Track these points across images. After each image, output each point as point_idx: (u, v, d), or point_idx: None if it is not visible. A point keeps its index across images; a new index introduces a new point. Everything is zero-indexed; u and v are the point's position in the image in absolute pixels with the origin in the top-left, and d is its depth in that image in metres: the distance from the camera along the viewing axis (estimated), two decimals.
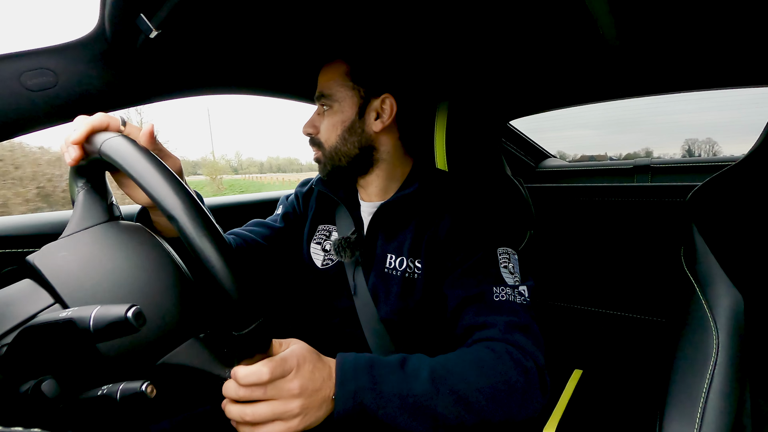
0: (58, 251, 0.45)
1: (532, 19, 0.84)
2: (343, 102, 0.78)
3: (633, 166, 1.68)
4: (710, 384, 0.60)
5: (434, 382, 0.56)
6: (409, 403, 0.54)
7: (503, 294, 0.68)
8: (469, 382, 0.57)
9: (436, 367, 0.58)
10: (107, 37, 0.69)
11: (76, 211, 0.50)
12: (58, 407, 0.36)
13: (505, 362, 0.60)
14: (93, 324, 0.33)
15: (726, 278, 0.67)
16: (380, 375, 0.55)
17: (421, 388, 0.55)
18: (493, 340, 0.63)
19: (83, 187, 0.51)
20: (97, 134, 0.48)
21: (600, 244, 1.60)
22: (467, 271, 0.71)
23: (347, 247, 0.79)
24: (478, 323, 0.66)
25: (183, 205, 0.40)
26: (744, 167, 0.71)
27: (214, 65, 0.90)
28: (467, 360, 0.60)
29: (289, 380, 0.49)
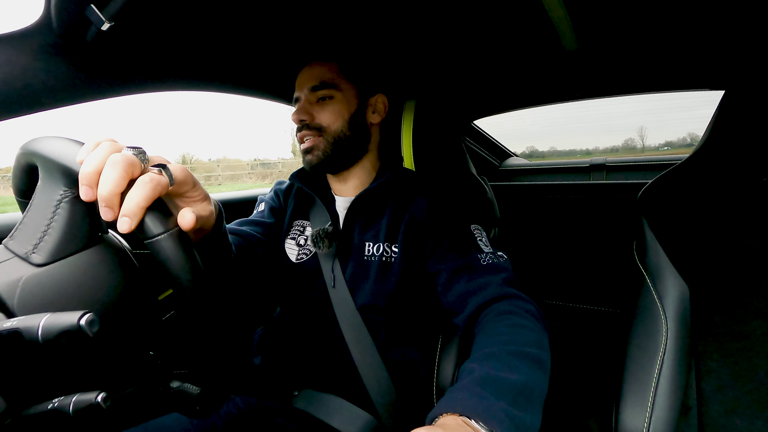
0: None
1: (495, 23, 0.86)
2: (347, 92, 0.83)
3: (589, 165, 1.76)
4: (660, 369, 0.64)
5: (523, 361, 0.54)
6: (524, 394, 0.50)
7: (487, 258, 0.74)
8: (538, 344, 0.59)
9: (508, 349, 0.56)
10: (54, 27, 0.65)
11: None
12: (4, 424, 0.34)
13: (529, 315, 0.64)
14: (42, 334, 0.31)
15: (674, 270, 0.71)
16: (488, 394, 0.48)
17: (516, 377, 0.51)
18: (495, 301, 0.67)
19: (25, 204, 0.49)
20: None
21: (558, 239, 1.66)
22: (451, 246, 0.77)
23: (324, 237, 0.80)
24: (473, 288, 0.71)
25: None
26: (689, 166, 0.76)
27: (173, 60, 0.87)
28: (510, 332, 0.59)
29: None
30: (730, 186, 0.72)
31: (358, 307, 0.79)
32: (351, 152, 0.85)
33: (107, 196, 0.38)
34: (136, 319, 0.46)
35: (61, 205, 0.42)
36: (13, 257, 0.42)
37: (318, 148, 0.82)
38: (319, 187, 0.89)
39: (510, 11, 0.81)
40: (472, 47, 1.00)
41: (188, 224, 0.42)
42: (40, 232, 0.42)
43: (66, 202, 0.42)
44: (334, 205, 0.87)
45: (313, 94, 0.82)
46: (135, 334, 0.46)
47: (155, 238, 0.39)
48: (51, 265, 0.41)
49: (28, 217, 0.43)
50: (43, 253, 0.41)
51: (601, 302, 1.62)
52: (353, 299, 0.79)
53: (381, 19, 0.85)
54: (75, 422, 0.34)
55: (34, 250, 0.42)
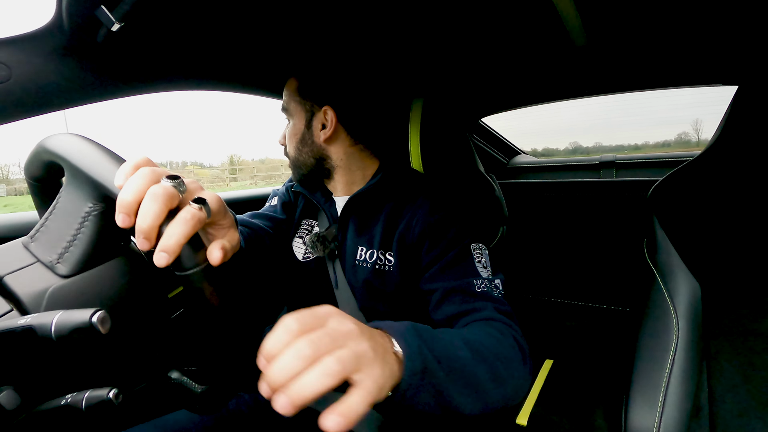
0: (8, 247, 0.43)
1: (503, 19, 0.86)
2: (295, 115, 0.83)
3: (599, 162, 1.74)
4: (671, 369, 0.63)
5: (470, 347, 0.51)
6: (458, 368, 0.48)
7: (483, 286, 0.70)
8: (494, 352, 0.55)
9: (464, 334, 0.55)
10: (65, 29, 0.66)
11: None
12: (18, 419, 0.35)
13: (508, 336, 0.61)
14: (55, 331, 0.31)
15: (685, 268, 0.70)
16: (427, 337, 0.46)
17: (464, 353, 0.49)
18: (490, 320, 0.65)
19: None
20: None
21: (567, 237, 1.65)
22: (446, 265, 0.73)
23: (318, 242, 0.81)
24: (465, 310, 0.67)
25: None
26: (701, 162, 0.75)
27: (183, 60, 0.87)
28: (480, 333, 0.58)
29: (336, 321, 0.37)
30: (743, 183, 0.71)
31: (360, 308, 0.79)
32: (313, 174, 0.84)
33: (146, 229, 0.37)
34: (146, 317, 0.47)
35: (89, 218, 0.42)
36: (36, 262, 0.42)
37: (293, 171, 0.87)
38: (320, 191, 0.89)
39: (518, 6, 0.80)
40: (480, 44, 1.00)
41: (216, 261, 0.42)
42: (66, 241, 0.42)
43: (94, 216, 0.42)
44: (335, 207, 0.87)
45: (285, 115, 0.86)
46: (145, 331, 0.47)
47: (186, 272, 0.40)
48: (76, 277, 0.42)
49: (51, 222, 0.44)
50: (68, 264, 0.42)
51: (611, 301, 1.60)
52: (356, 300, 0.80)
53: (387, 17, 0.84)
54: (87, 417, 0.35)
55: (59, 260, 0.42)
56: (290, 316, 0.36)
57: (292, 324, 0.35)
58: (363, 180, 0.85)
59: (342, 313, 0.40)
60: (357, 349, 0.35)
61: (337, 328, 0.36)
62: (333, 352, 0.34)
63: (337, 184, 0.86)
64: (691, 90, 1.29)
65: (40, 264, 0.42)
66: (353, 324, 0.38)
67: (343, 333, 0.36)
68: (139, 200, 0.38)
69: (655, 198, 0.78)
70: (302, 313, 0.37)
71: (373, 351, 0.36)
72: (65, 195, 0.44)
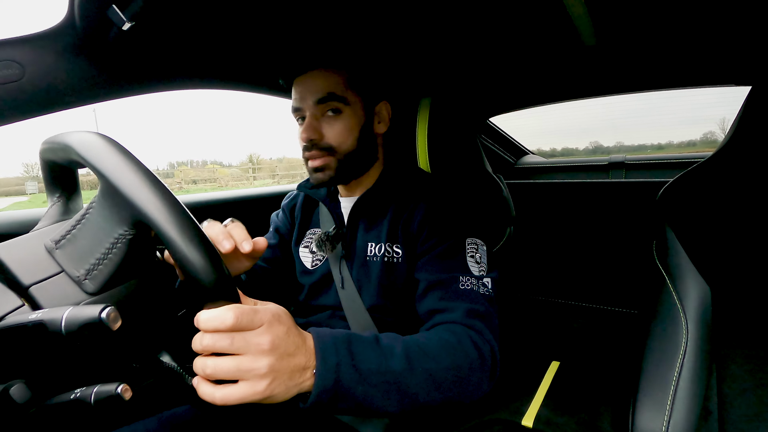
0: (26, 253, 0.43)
1: (511, 17, 0.85)
2: (354, 105, 0.78)
3: (608, 163, 1.72)
4: (680, 372, 0.62)
5: (409, 359, 0.55)
6: (385, 380, 0.52)
7: (468, 283, 0.70)
8: (438, 360, 0.58)
9: (409, 344, 0.58)
10: (77, 28, 0.67)
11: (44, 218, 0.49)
12: (29, 413, 0.35)
13: (467, 344, 0.62)
14: (65, 326, 0.32)
15: (695, 271, 0.69)
16: (358, 350, 0.52)
17: (397, 365, 0.54)
18: (453, 323, 0.66)
19: (59, 198, 0.50)
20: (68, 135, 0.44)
21: (576, 238, 1.63)
22: (435, 257, 0.74)
23: (326, 241, 0.81)
24: (440, 308, 0.69)
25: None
26: (712, 164, 0.74)
27: (194, 58, 0.88)
28: (433, 340, 0.61)
29: (258, 333, 0.42)
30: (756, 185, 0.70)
31: (367, 307, 0.79)
32: (360, 167, 0.82)
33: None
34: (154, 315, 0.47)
35: (121, 242, 0.42)
36: (62, 273, 0.42)
37: (329, 167, 0.78)
38: (326, 191, 0.90)
39: (527, 6, 0.80)
40: (488, 43, 0.99)
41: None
42: (95, 258, 0.42)
43: (125, 241, 0.42)
44: (339, 208, 0.87)
45: (319, 107, 0.77)
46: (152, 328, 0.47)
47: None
48: (102, 294, 0.42)
49: (80, 233, 0.43)
50: (96, 282, 0.42)
51: (619, 303, 1.59)
52: (361, 299, 0.80)
53: (394, 15, 0.84)
54: (96, 412, 0.35)
55: (87, 277, 0.42)
56: (231, 309, 0.40)
57: (229, 318, 0.40)
58: (373, 177, 0.86)
59: (276, 323, 0.44)
60: (255, 364, 0.41)
61: (254, 340, 0.42)
62: (237, 358, 0.41)
63: (362, 180, 0.85)
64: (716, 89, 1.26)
65: (65, 276, 0.42)
66: (271, 340, 0.43)
67: (254, 345, 0.41)
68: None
69: (666, 199, 0.77)
70: (243, 311, 0.41)
71: (268, 368, 0.42)
72: (98, 210, 0.43)
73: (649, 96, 1.43)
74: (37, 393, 0.36)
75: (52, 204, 0.50)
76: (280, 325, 0.45)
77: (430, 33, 0.93)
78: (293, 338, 0.46)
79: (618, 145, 3.01)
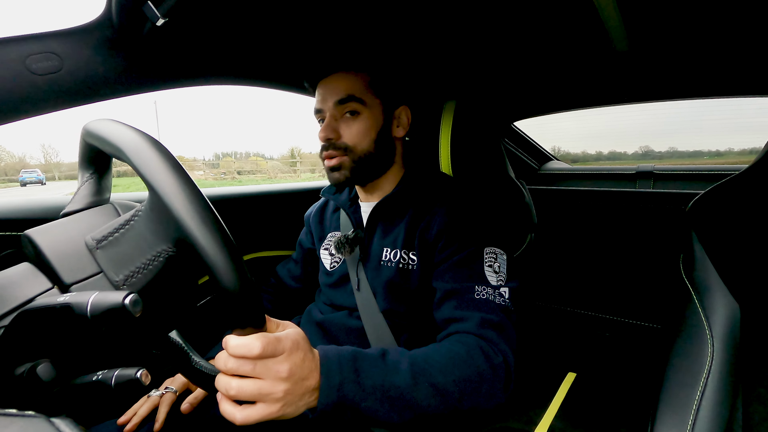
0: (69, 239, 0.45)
1: (540, 20, 0.84)
2: (373, 108, 0.80)
3: (636, 172, 1.67)
4: (703, 391, 0.60)
5: (414, 374, 0.57)
6: (391, 395, 0.55)
7: (484, 293, 0.70)
8: (445, 373, 0.59)
9: (416, 359, 0.60)
10: (114, 23, 0.69)
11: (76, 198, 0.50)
12: (53, 391, 0.37)
13: (477, 356, 0.63)
14: (90, 310, 0.33)
15: (724, 287, 0.67)
16: (363, 368, 0.55)
17: (401, 381, 0.56)
18: (466, 334, 0.66)
19: (91, 176, 0.51)
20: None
21: (599, 248, 1.59)
22: (453, 266, 0.74)
23: (346, 243, 0.83)
24: (455, 317, 0.69)
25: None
26: (747, 177, 0.71)
27: (222, 55, 0.90)
28: (442, 353, 0.62)
29: (279, 361, 0.47)
30: None
31: (382, 310, 0.80)
32: (376, 169, 0.83)
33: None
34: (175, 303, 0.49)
35: (162, 256, 0.43)
36: (101, 274, 0.43)
37: (344, 167, 0.80)
38: (347, 195, 0.92)
39: (557, 9, 0.78)
40: (516, 46, 0.98)
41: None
42: (135, 266, 0.43)
43: (166, 257, 0.43)
44: (359, 212, 0.89)
45: (339, 108, 0.79)
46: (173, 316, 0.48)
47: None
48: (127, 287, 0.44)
49: (123, 238, 0.44)
50: (132, 288, 0.43)
51: (641, 316, 1.54)
52: (376, 302, 0.81)
53: (418, 19, 0.84)
54: (116, 394, 0.37)
55: (126, 283, 0.43)
56: (259, 339, 0.45)
57: (256, 348, 0.44)
58: (393, 182, 0.87)
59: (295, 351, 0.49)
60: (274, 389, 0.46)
61: (274, 368, 0.46)
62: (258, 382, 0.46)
63: (379, 184, 0.86)
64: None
65: (104, 278, 0.43)
66: (289, 368, 0.47)
67: (274, 372, 0.46)
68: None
69: (695, 212, 0.75)
70: (269, 342, 0.45)
71: (284, 393, 0.47)
72: (144, 220, 0.44)
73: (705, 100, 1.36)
74: (61, 373, 0.37)
75: (84, 182, 0.51)
76: (298, 352, 0.49)
77: (457, 36, 0.92)
78: (308, 363, 0.50)
79: (671, 150, 2.76)
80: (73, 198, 0.51)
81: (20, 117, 0.68)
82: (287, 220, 1.33)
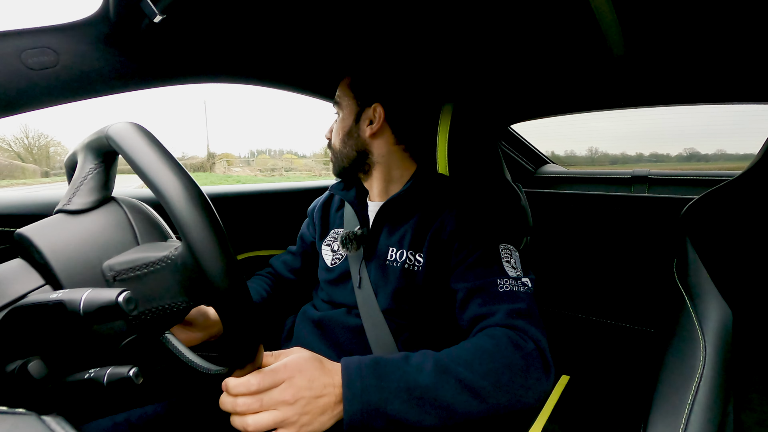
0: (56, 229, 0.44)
1: (538, 23, 0.84)
2: (345, 109, 0.87)
3: (631, 176, 1.68)
4: (695, 395, 0.60)
5: (438, 372, 0.57)
6: (416, 396, 0.55)
7: (507, 285, 0.71)
8: (472, 369, 0.58)
9: (440, 358, 0.60)
10: (111, 18, 0.68)
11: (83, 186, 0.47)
12: (45, 388, 0.36)
13: (505, 346, 0.62)
14: (83, 307, 0.33)
15: (716, 292, 0.67)
16: (385, 372, 0.56)
17: (426, 380, 0.56)
18: (494, 327, 0.66)
19: (97, 167, 0.48)
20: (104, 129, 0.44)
21: (593, 252, 1.60)
22: (472, 265, 0.74)
23: (353, 239, 0.83)
24: (482, 313, 0.69)
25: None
26: (740, 183, 0.71)
27: (219, 53, 0.90)
28: (469, 349, 0.62)
29: (282, 390, 0.51)
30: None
31: (382, 309, 0.80)
32: (352, 167, 0.89)
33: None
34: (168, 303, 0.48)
35: (182, 306, 0.44)
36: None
37: (334, 164, 0.91)
38: (355, 192, 0.94)
39: (554, 12, 0.79)
40: (514, 49, 0.98)
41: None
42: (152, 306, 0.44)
43: (185, 306, 0.44)
44: (366, 211, 0.90)
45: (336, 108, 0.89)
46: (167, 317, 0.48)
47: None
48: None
49: (147, 279, 0.43)
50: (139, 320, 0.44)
51: (634, 320, 1.55)
52: (377, 301, 0.81)
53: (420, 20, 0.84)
54: (108, 392, 0.36)
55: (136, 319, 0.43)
56: (254, 377, 0.50)
57: (253, 385, 0.49)
58: (400, 182, 0.88)
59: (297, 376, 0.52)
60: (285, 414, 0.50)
61: (278, 397, 0.50)
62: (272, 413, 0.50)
63: (374, 182, 0.89)
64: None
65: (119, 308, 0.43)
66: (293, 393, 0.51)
67: (281, 401, 0.50)
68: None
69: (689, 217, 0.75)
70: (264, 376, 0.50)
71: (297, 415, 0.51)
72: (173, 271, 0.43)
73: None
74: (53, 370, 0.37)
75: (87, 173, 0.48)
76: (301, 376, 0.52)
77: (454, 39, 0.93)
78: (320, 381, 0.53)
79: (719, 153, 2.55)
80: (73, 190, 0.47)
81: (15, 112, 0.68)
82: (283, 220, 1.33)
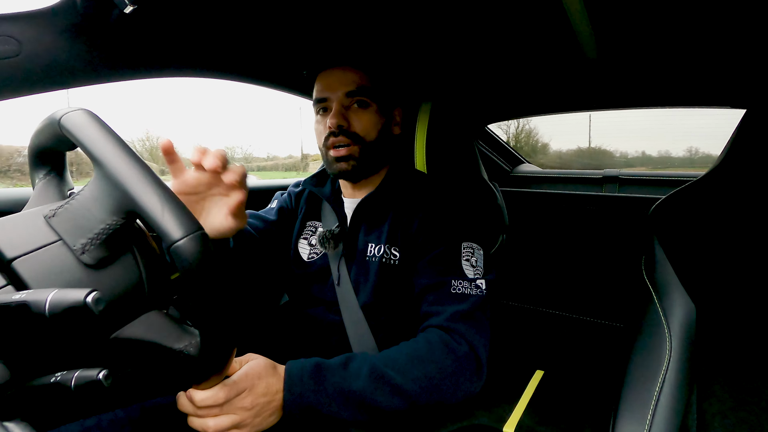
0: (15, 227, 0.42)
1: (515, 27, 0.86)
2: (380, 103, 0.83)
3: (602, 176, 1.74)
4: (661, 387, 0.63)
5: (373, 378, 0.62)
6: (350, 399, 0.61)
7: (460, 286, 0.73)
8: (404, 373, 0.63)
9: (376, 363, 0.64)
10: (78, 7, 0.66)
11: (35, 196, 0.47)
12: (7, 394, 0.35)
13: (439, 350, 0.66)
14: (49, 308, 0.31)
15: (681, 288, 0.70)
16: (324, 377, 0.61)
17: (361, 385, 0.61)
18: (434, 327, 0.70)
19: (45, 176, 0.48)
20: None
21: (566, 249, 1.65)
22: (431, 261, 0.76)
23: (330, 239, 0.82)
24: (430, 311, 0.72)
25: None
26: (704, 183, 0.75)
27: (194, 46, 0.87)
28: (405, 352, 0.66)
29: (242, 398, 0.56)
30: (746, 207, 0.71)
31: (361, 306, 0.80)
32: (378, 163, 0.85)
33: None
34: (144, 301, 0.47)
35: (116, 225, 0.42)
36: (60, 242, 0.42)
37: (353, 157, 0.80)
38: (330, 189, 0.91)
39: (530, 16, 0.80)
40: (491, 50, 1.00)
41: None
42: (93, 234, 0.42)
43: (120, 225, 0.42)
44: (343, 207, 0.89)
45: (348, 99, 0.79)
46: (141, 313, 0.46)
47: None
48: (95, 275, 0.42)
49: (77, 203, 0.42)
50: (92, 256, 0.41)
51: (605, 315, 1.60)
52: (356, 298, 0.81)
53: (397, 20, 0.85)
54: (76, 396, 0.35)
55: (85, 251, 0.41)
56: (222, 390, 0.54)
57: (221, 397, 0.54)
58: (377, 179, 0.88)
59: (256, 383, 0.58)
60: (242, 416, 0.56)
61: (239, 404, 0.56)
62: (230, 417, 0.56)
63: (372, 179, 0.87)
64: None
65: (63, 245, 0.41)
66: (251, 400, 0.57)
67: (241, 407, 0.56)
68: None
69: (656, 216, 0.78)
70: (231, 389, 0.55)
71: (251, 417, 0.57)
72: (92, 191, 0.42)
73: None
74: (16, 374, 0.35)
75: (39, 181, 0.48)
76: (259, 384, 0.58)
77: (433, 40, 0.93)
78: (272, 386, 0.59)
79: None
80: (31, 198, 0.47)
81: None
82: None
